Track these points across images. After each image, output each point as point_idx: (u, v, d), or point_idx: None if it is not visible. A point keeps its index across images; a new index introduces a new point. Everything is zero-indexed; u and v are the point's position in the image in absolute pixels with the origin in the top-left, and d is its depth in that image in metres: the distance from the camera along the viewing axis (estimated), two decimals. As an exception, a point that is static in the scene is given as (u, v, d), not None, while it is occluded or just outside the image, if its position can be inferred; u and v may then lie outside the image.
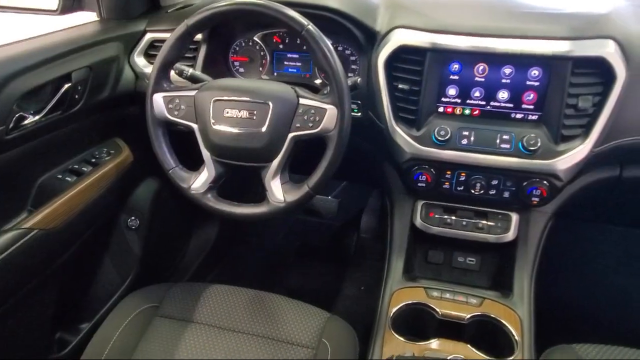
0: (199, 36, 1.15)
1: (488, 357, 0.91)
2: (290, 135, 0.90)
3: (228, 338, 0.95)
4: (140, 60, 1.23)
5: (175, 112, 0.94)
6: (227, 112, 0.90)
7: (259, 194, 0.94)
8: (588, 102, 0.92)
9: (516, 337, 0.93)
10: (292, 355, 0.92)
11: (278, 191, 0.92)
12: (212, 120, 0.91)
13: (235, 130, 0.90)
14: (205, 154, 0.94)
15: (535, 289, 1.05)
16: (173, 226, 1.65)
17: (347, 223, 1.97)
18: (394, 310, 1.00)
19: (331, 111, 0.88)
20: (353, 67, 1.14)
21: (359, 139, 1.15)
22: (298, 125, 0.89)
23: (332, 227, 2.00)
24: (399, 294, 1.03)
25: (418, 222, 1.11)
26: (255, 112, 0.89)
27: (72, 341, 1.27)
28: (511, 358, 0.90)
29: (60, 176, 1.09)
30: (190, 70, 1.03)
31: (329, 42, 0.88)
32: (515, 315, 0.98)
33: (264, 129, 0.89)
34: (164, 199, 1.48)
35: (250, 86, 0.94)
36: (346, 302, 1.66)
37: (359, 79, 0.99)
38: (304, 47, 1.15)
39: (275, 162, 0.91)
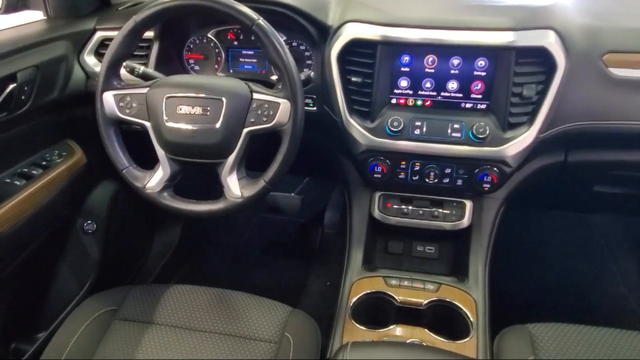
0: (150, 33, 1.14)
1: (444, 340, 0.93)
2: (245, 130, 0.90)
3: (189, 337, 0.94)
4: (90, 59, 1.21)
5: (127, 111, 0.93)
6: (180, 109, 0.89)
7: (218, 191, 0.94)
8: (532, 90, 0.96)
9: (471, 319, 0.96)
10: (255, 350, 0.92)
11: (235, 187, 0.92)
12: (165, 118, 0.90)
13: (189, 127, 0.89)
14: (160, 152, 0.93)
15: (490, 273, 1.09)
16: (133, 228, 1.61)
17: (312, 219, 1.98)
18: (354, 300, 1.01)
19: (284, 105, 0.88)
20: (308, 62, 1.15)
21: (315, 133, 1.16)
22: (252, 120, 0.89)
23: (296, 224, 2.00)
24: (359, 284, 1.05)
25: (376, 213, 1.13)
26: (208, 108, 0.89)
27: (28, 350, 1.22)
28: (466, 339, 0.93)
29: (8, 180, 1.05)
30: (142, 68, 1.02)
31: (279, 37, 0.88)
32: (470, 299, 1.01)
33: (218, 125, 0.88)
34: (122, 201, 1.45)
35: (203, 82, 0.93)
36: (312, 297, 1.67)
37: (312, 73, 1.00)
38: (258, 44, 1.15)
39: (231, 158, 0.91)
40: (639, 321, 1.55)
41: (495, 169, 1.01)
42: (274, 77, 1.19)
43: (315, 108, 1.11)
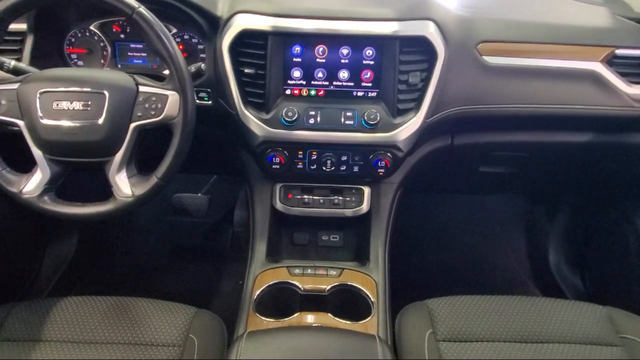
0: (22, 26, 1.04)
1: (348, 322, 0.96)
2: (132, 125, 0.86)
3: (84, 351, 0.88)
4: None
5: None
6: (57, 105, 0.83)
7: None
8: (417, 77, 1.01)
9: (372, 299, 1.00)
10: (157, 356, 0.88)
11: (125, 186, 0.87)
12: (40, 115, 0.83)
13: (68, 123, 0.83)
14: (37, 152, 0.86)
15: (390, 254, 1.14)
16: (18, 242, 1.47)
17: (221, 219, 1.94)
18: (257, 292, 1.01)
19: (173, 97, 0.86)
20: (202, 55, 1.12)
21: (213, 127, 1.14)
22: (140, 114, 0.86)
23: (205, 225, 1.95)
24: (262, 277, 1.05)
25: (278, 204, 1.14)
26: (90, 103, 0.84)
27: None
28: (368, 319, 0.97)
29: None
30: (13, 62, 0.93)
31: (162, 26, 0.85)
32: (371, 280, 1.04)
33: (101, 120, 0.83)
34: (2, 213, 1.32)
35: (81, 75, 0.87)
36: (225, 297, 1.63)
37: (202, 65, 0.98)
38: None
39: (119, 156, 0.86)
40: (528, 290, 1.71)
41: (388, 154, 1.05)
42: (167, 72, 1.15)
43: (210, 102, 1.08)
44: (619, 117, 1.10)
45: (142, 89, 0.86)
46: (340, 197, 1.14)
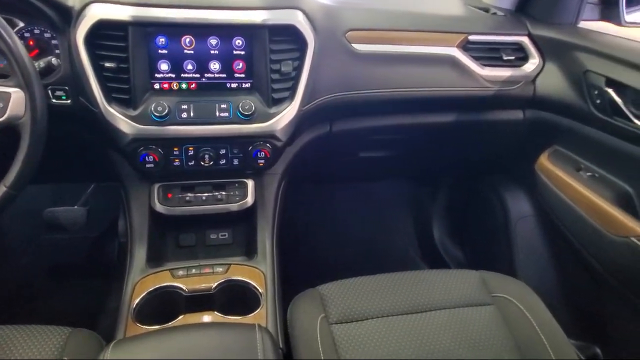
0: None
1: (236, 317, 0.93)
2: None
3: None
4: None
5: None
6: None
7: None
8: (289, 66, 1.01)
9: (260, 291, 0.98)
10: None
11: None
12: None
13: None
14: None
15: (280, 246, 1.13)
16: None
17: (105, 231, 1.80)
18: (137, 301, 0.94)
19: (17, 95, 0.77)
20: (57, 51, 1.02)
21: (76, 129, 1.05)
22: None
23: (86, 240, 1.80)
24: (143, 283, 0.98)
25: (157, 206, 1.07)
26: None
27: None
28: (256, 311, 0.95)
29: None
30: None
31: None
32: (259, 273, 1.03)
33: None
34: None
35: None
36: (114, 314, 1.52)
37: (53, 59, 0.89)
38: None
39: None
40: (418, 267, 1.81)
41: (267, 144, 1.05)
42: None
43: (69, 101, 0.99)
44: (476, 96, 1.20)
45: None
46: (224, 192, 1.11)
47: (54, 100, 0.98)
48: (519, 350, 0.90)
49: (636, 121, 0.98)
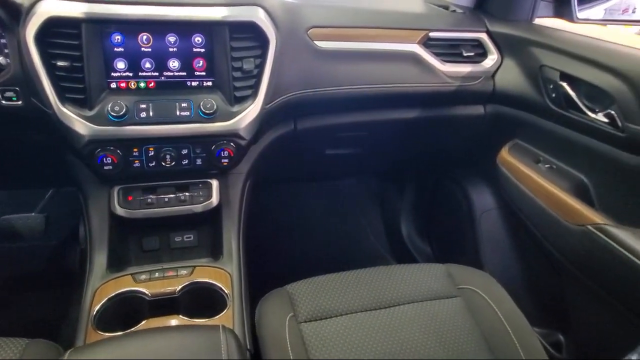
0: None
1: (201, 320, 0.91)
2: None
3: None
4: None
5: None
6: None
7: None
8: (251, 64, 1.00)
9: (227, 292, 0.97)
10: None
11: None
12: None
13: None
14: None
15: (246, 246, 1.11)
16: None
17: (65, 238, 1.74)
18: (97, 308, 0.91)
19: None
20: (5, 50, 0.97)
21: (28, 131, 1.01)
22: None
23: (46, 248, 1.73)
24: (103, 289, 0.95)
25: (118, 209, 1.04)
26: None
27: None
28: (223, 312, 0.93)
29: None
30: None
31: None
32: (225, 274, 1.01)
33: None
34: None
35: None
36: (75, 324, 1.47)
37: (1, 58, 0.85)
38: None
39: None
40: (388, 263, 1.82)
41: (231, 143, 1.03)
42: None
43: (21, 102, 0.95)
44: (438, 92, 1.22)
45: None
46: (187, 193, 1.08)
47: (3, 102, 0.93)
48: (485, 340, 0.92)
49: (589, 113, 1.01)
